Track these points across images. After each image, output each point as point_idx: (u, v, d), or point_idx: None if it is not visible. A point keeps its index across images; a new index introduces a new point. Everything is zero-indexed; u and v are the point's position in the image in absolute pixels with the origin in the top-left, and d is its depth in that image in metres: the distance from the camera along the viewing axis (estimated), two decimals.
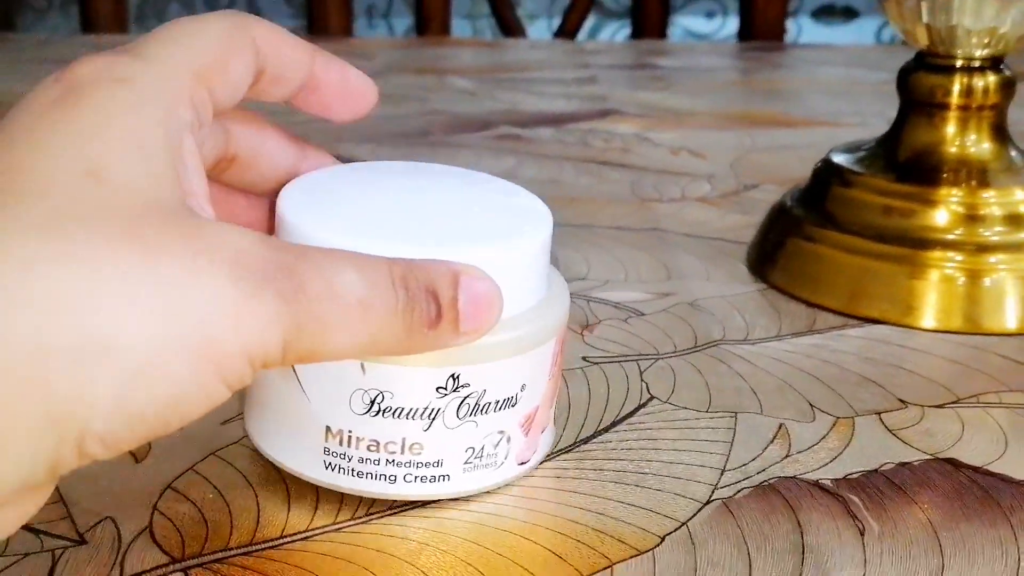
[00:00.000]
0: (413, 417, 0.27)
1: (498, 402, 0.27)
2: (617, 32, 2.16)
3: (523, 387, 0.28)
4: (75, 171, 0.21)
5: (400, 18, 2.13)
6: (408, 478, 0.27)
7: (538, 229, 0.28)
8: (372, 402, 0.26)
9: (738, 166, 0.63)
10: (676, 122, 0.74)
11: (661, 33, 1.21)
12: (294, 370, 0.27)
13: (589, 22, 1.84)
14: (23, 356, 0.19)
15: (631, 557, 0.27)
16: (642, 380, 0.36)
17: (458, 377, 0.26)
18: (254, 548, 0.27)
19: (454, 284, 0.25)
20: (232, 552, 0.26)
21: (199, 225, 0.22)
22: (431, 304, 0.24)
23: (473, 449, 0.28)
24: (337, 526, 0.27)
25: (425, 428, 0.27)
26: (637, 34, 1.21)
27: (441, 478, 0.28)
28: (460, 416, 0.27)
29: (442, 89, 0.84)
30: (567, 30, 1.24)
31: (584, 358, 0.37)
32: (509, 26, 1.24)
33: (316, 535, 0.27)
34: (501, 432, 0.28)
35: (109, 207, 0.21)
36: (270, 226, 0.29)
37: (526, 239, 0.28)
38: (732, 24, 2.11)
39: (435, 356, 0.26)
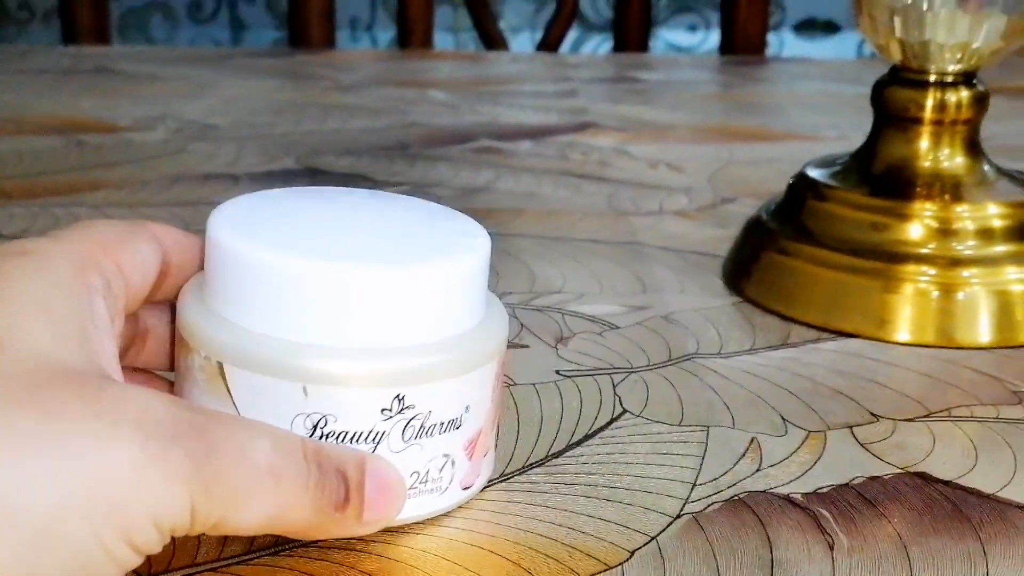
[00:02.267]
0: (358, 441, 0.26)
1: (443, 424, 0.27)
2: (600, 45, 2.16)
3: (467, 408, 0.27)
4: None
5: (383, 31, 2.13)
6: None
7: (477, 249, 0.28)
8: (315, 426, 0.26)
9: (716, 179, 0.63)
10: (655, 135, 0.74)
11: (643, 46, 1.21)
12: (229, 393, 0.26)
13: (572, 35, 1.84)
14: None
15: (600, 572, 0.27)
16: (615, 394, 0.36)
17: (403, 398, 0.26)
18: (220, 563, 0.26)
19: (361, 468, 0.25)
20: (200, 568, 0.26)
21: (102, 387, 0.21)
22: (340, 485, 0.24)
23: (418, 473, 0.27)
24: (304, 544, 0.27)
25: (370, 452, 0.26)
26: (619, 47, 1.21)
27: None
28: (405, 439, 0.26)
29: (422, 102, 0.84)
30: (549, 43, 1.24)
31: (558, 371, 0.37)
32: (492, 39, 1.24)
33: (283, 551, 0.27)
34: (446, 456, 0.27)
35: (9, 372, 0.21)
36: None
37: (466, 257, 0.27)
38: (714, 37, 2.12)
39: (380, 376, 0.26)
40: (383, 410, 0.26)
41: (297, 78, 0.95)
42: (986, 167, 0.43)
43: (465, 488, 0.28)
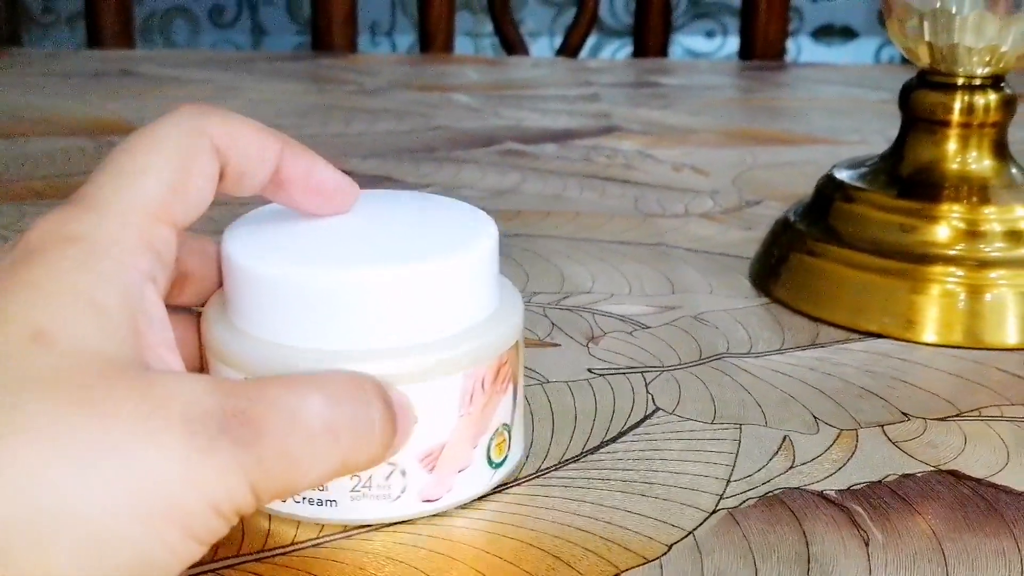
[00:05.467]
0: None
1: None
2: (618, 51, 2.17)
3: (415, 419, 0.26)
4: (22, 337, 0.21)
5: (403, 35, 2.14)
6: (297, 499, 0.27)
7: (477, 244, 0.28)
8: None
9: (740, 182, 0.63)
10: (678, 139, 0.75)
11: (662, 52, 1.21)
12: None
13: (591, 40, 1.85)
14: None
15: (638, 565, 0.27)
16: (647, 392, 0.36)
17: None
18: (266, 555, 0.27)
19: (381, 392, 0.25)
20: (246, 558, 0.27)
21: (150, 382, 0.21)
22: (388, 410, 0.24)
23: (359, 478, 0.27)
24: (347, 534, 0.28)
25: None
26: (638, 52, 1.21)
27: (328, 503, 0.27)
28: None
29: (446, 105, 0.84)
30: (569, 48, 1.24)
31: (590, 370, 0.38)
32: (511, 44, 1.25)
33: (329, 539, 0.27)
34: (392, 464, 0.27)
35: (57, 373, 0.21)
36: None
37: (454, 256, 0.27)
38: (732, 44, 2.12)
39: None
40: None
41: (320, 82, 0.96)
42: (1013, 170, 0.44)
43: (427, 501, 0.28)
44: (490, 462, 0.29)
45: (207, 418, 0.21)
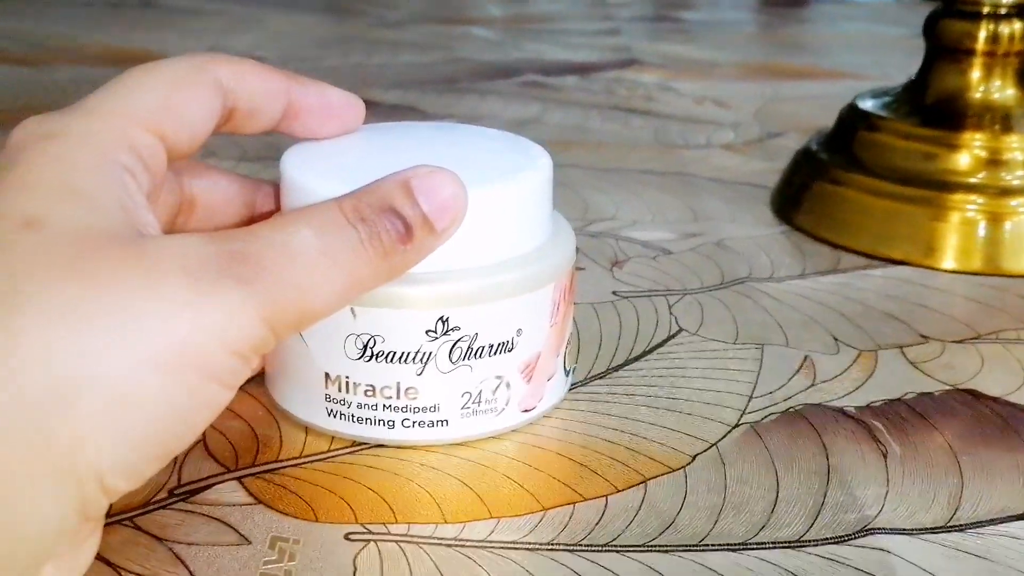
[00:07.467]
0: (405, 361, 0.27)
1: (492, 346, 0.27)
2: None
3: (519, 332, 0.28)
4: (13, 226, 0.21)
5: None
6: (406, 423, 0.28)
7: (533, 172, 0.28)
8: (365, 347, 0.27)
9: (762, 115, 0.63)
10: (699, 73, 0.75)
11: None
12: None
13: None
14: (13, 416, 0.19)
15: (663, 474, 0.28)
16: (671, 314, 0.37)
17: (447, 320, 0.27)
18: (304, 461, 0.28)
19: (408, 193, 0.25)
20: (284, 464, 0.28)
21: (142, 244, 0.22)
22: (395, 221, 0.24)
23: (470, 394, 0.28)
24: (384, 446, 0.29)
25: (418, 372, 0.27)
26: None
27: (439, 423, 0.28)
28: (453, 360, 0.27)
29: (467, 38, 0.84)
30: None
31: (614, 292, 0.38)
32: None
33: (362, 449, 0.28)
34: (499, 377, 0.28)
35: (50, 251, 0.21)
36: None
37: (519, 180, 0.28)
38: None
39: (424, 298, 0.26)
40: (428, 331, 0.27)
41: (340, 13, 0.96)
42: None
43: (525, 411, 0.29)
44: (565, 370, 0.30)
45: (206, 263, 0.22)
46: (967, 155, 0.42)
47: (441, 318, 0.27)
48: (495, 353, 0.28)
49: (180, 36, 0.82)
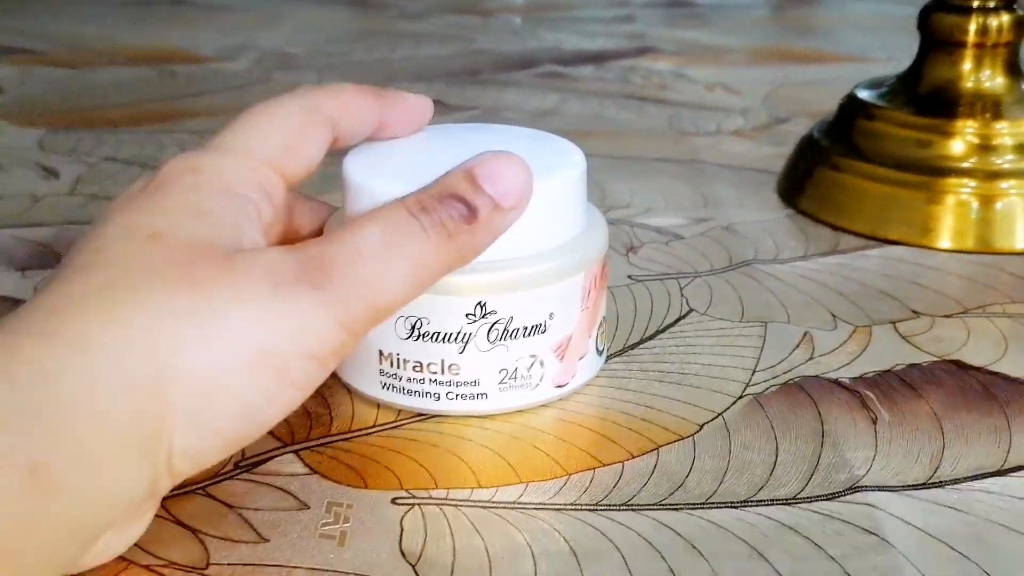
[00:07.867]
0: (449, 340, 0.30)
1: (526, 328, 0.31)
2: None
3: (551, 315, 0.31)
4: (142, 238, 0.25)
5: None
6: (450, 396, 0.31)
7: (568, 169, 0.31)
8: (413, 327, 0.30)
9: (771, 101, 0.66)
10: (712, 59, 0.77)
11: None
12: None
13: None
14: (117, 394, 0.22)
15: (674, 441, 0.31)
16: (682, 295, 0.40)
17: (484, 305, 0.30)
18: (352, 435, 0.31)
19: (472, 179, 0.27)
20: (335, 438, 0.31)
21: (235, 257, 0.25)
22: (456, 205, 0.27)
23: (506, 371, 0.31)
24: (423, 419, 0.32)
25: (460, 351, 0.30)
26: None
27: (479, 396, 0.31)
28: (491, 340, 0.30)
29: (486, 29, 0.87)
30: None
31: (630, 276, 0.42)
32: None
33: (404, 424, 0.32)
34: (533, 356, 0.31)
35: (167, 259, 0.24)
36: None
37: (553, 179, 0.30)
38: None
39: (464, 286, 0.29)
40: (467, 315, 0.30)
41: (365, 7, 0.99)
42: None
43: (559, 386, 0.32)
44: (598, 350, 0.33)
45: (286, 271, 0.24)
46: (960, 141, 0.45)
47: (479, 303, 0.30)
48: (529, 334, 0.31)
49: (213, 33, 0.85)
